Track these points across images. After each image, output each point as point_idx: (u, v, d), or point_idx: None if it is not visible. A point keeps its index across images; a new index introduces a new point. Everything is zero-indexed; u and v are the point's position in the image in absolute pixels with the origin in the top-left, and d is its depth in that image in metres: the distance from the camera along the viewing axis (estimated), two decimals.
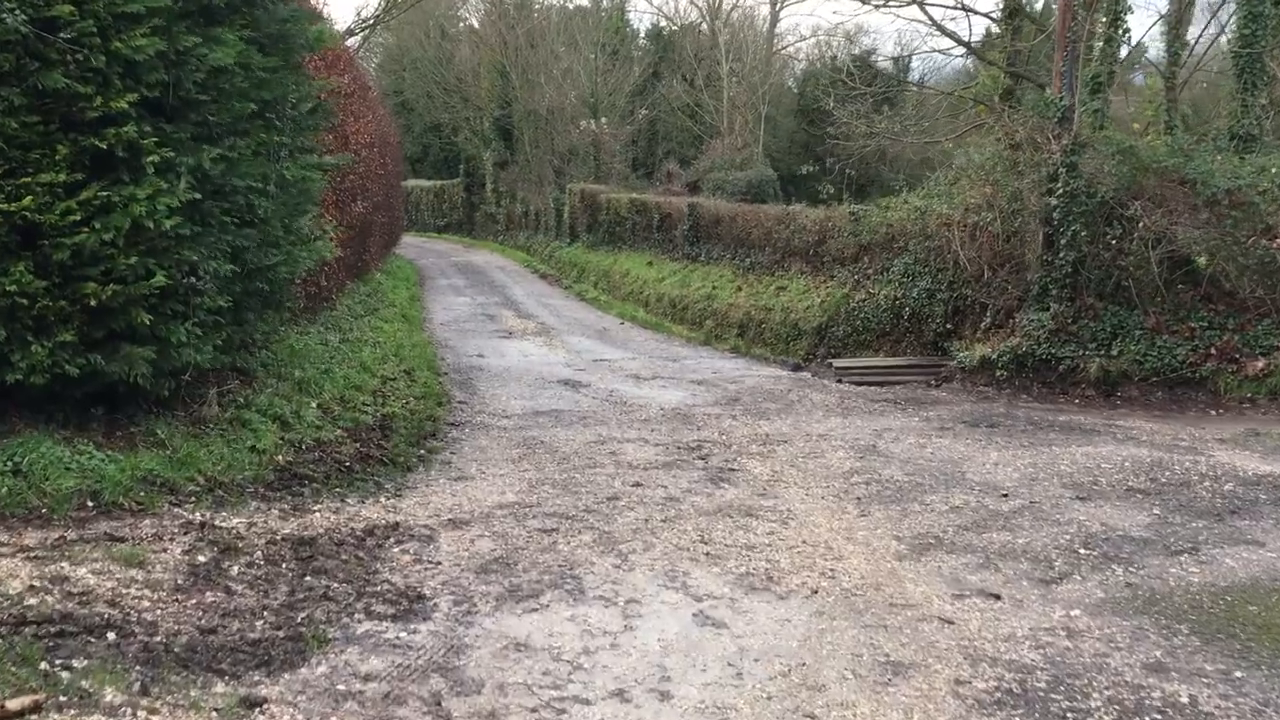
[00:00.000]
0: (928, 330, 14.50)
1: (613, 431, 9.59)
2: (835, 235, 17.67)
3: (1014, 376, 12.27)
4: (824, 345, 16.14)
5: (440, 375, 12.48)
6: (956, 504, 7.15)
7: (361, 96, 17.80)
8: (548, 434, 9.41)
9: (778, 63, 47.12)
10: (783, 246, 19.56)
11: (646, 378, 13.14)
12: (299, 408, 8.82)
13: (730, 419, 10.35)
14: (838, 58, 45.06)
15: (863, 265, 16.60)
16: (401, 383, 11.03)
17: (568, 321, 19.83)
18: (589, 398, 11.53)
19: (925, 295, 14.60)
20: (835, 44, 45.69)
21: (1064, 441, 9.23)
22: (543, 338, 17.29)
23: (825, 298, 16.82)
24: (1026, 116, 13.08)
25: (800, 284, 18.24)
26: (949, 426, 9.98)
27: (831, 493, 7.47)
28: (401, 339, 14.48)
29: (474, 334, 17.60)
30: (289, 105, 8.97)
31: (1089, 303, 12.10)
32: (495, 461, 8.27)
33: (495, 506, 6.93)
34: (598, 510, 6.90)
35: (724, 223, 22.68)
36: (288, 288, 9.64)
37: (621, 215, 28.90)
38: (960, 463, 8.40)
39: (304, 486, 7.01)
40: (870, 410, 10.97)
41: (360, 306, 16.50)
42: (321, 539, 5.95)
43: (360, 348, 12.33)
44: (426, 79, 49.36)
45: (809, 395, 11.87)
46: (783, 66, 48.79)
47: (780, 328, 17.32)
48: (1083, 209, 12.00)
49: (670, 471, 8.06)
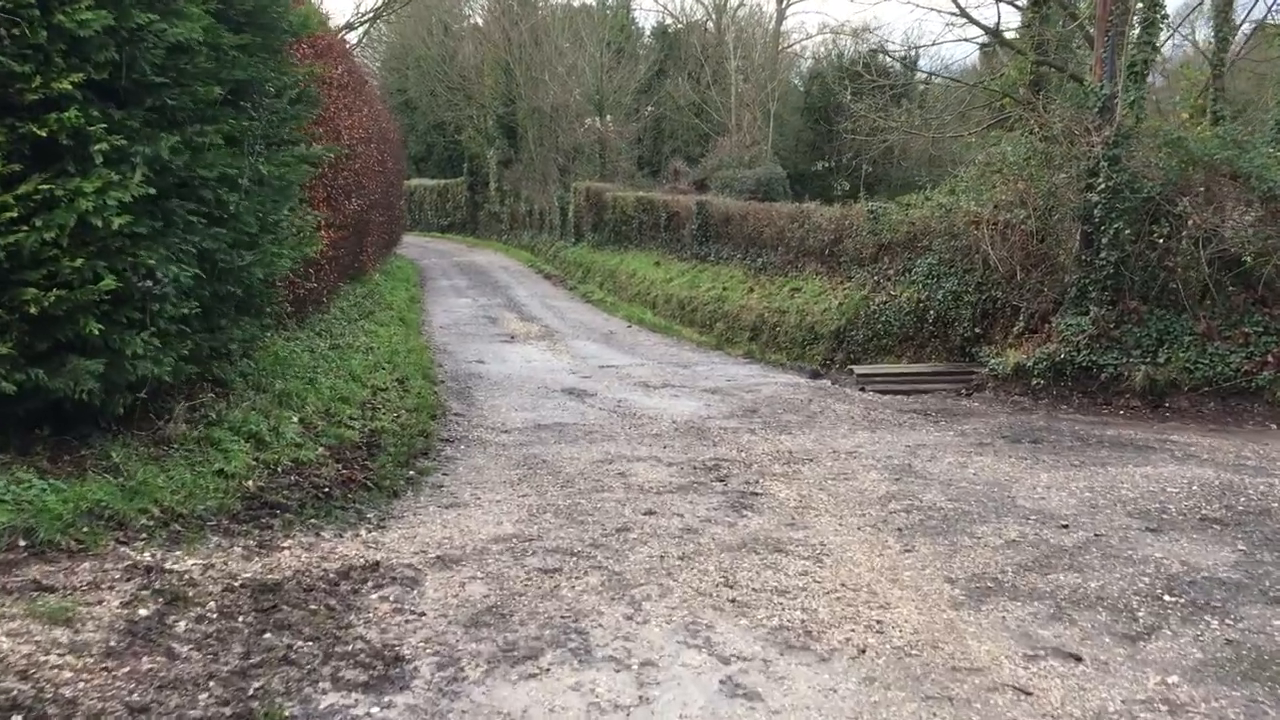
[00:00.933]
0: (954, 335, 13.68)
1: (621, 448, 8.78)
2: (852, 234, 16.87)
3: (1051, 385, 11.44)
4: (842, 350, 15.32)
5: (436, 384, 11.68)
6: (1012, 536, 6.33)
7: (357, 90, 17.02)
8: (550, 451, 8.60)
9: (784, 61, 46.34)
10: (796, 246, 18.77)
11: (656, 386, 12.33)
12: (278, 423, 8.03)
13: (749, 433, 9.54)
14: (845, 54, 44.42)
15: (882, 266, 15.80)
16: (393, 393, 10.24)
17: (572, 325, 19.03)
18: (595, 409, 10.73)
19: (951, 297, 13.77)
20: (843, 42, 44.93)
21: (1118, 460, 8.40)
22: (546, 342, 16.48)
23: (843, 300, 16.01)
24: (1064, 107, 12.24)
25: (816, 285, 17.43)
26: (988, 442, 9.16)
27: (868, 522, 6.65)
28: (397, 344, 13.69)
29: (475, 338, 16.80)
30: (267, 91, 8.18)
31: (1132, 306, 11.27)
32: (492, 485, 7.47)
33: (491, 540, 6.12)
34: (606, 545, 6.09)
35: (734, 221, 21.89)
36: (268, 291, 8.86)
37: (628, 214, 28.16)
38: (1008, 486, 7.57)
39: (275, 517, 6.20)
40: (899, 423, 10.14)
41: (355, 309, 15.72)
42: (288, 584, 5.15)
43: (351, 355, 11.54)
44: (430, 77, 48.63)
45: (831, 406, 11.05)
46: (789, 65, 48.03)
47: (795, 331, 16.51)
48: (1126, 205, 11.17)
49: (686, 496, 7.25)
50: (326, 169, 13.30)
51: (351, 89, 16.21)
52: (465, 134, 49.45)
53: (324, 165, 13.02)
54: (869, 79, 21.35)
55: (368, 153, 18.07)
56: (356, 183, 16.57)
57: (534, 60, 40.30)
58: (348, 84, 14.93)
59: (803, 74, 48.77)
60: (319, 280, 13.04)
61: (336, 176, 14.25)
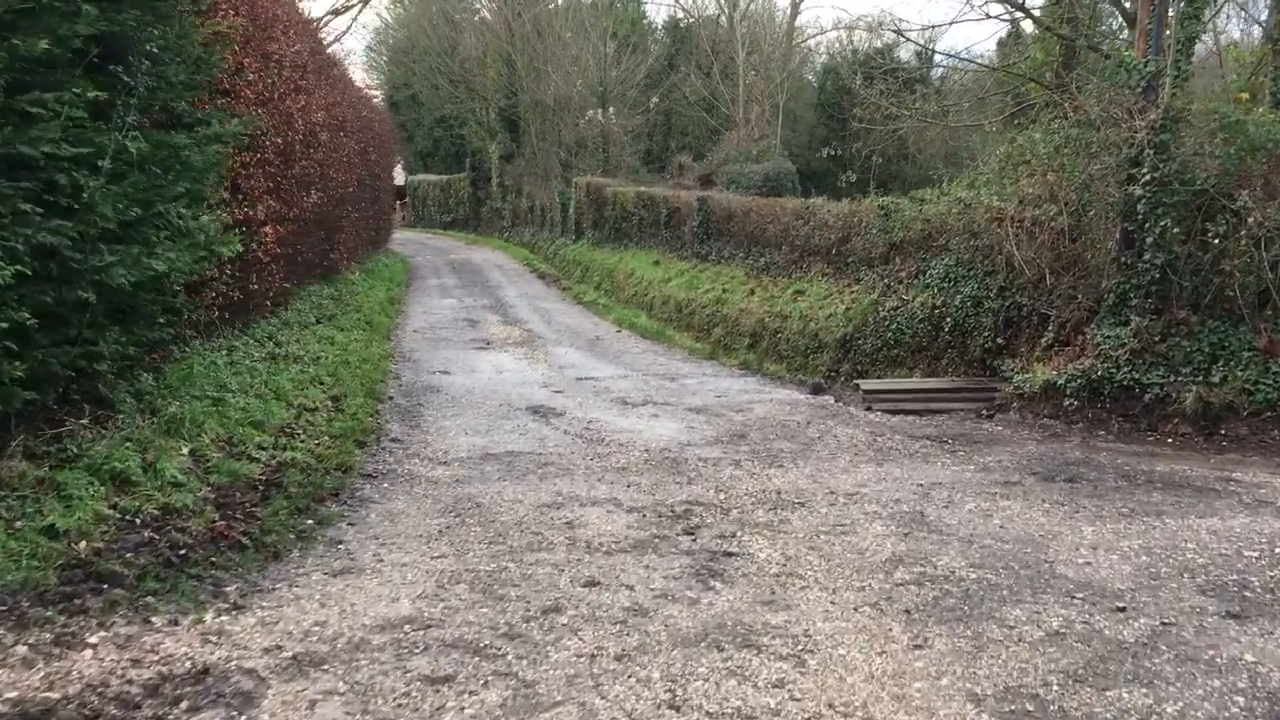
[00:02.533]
0: (973, 345, 12.19)
1: (577, 487, 7.35)
2: (862, 232, 15.39)
3: (1086, 407, 9.95)
4: (848, 361, 13.84)
5: (382, 401, 10.27)
6: (1054, 625, 4.87)
7: (323, 72, 15.63)
8: (490, 491, 7.17)
9: (797, 56, 44.92)
10: (801, 245, 17.29)
11: (635, 403, 10.90)
12: (159, 457, 6.64)
13: (732, 466, 8.10)
14: (859, 49, 43.00)
15: (894, 267, 14.31)
16: (321, 415, 8.84)
17: (558, 329, 17.62)
18: (559, 432, 9.30)
19: (970, 304, 12.29)
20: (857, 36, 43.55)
21: (1175, 507, 6.92)
22: (524, 349, 15.07)
23: (850, 305, 14.53)
24: (1101, 87, 10.75)
25: (821, 288, 15.96)
26: (1016, 481, 7.69)
27: (869, 599, 5.20)
28: (352, 353, 12.31)
29: (447, 344, 15.41)
30: (147, 53, 6.78)
31: (1181, 316, 9.77)
32: (404, 540, 6.05)
33: (376, 626, 4.71)
34: (525, 635, 4.67)
35: (736, 218, 20.43)
36: (161, 296, 7.48)
37: (628, 210, 26.74)
38: (1044, 544, 6.11)
39: (98, 595, 4.81)
40: (910, 452, 8.68)
41: (315, 312, 14.35)
42: (65, 709, 3.75)
43: (287, 367, 10.15)
44: (433, 70, 47.26)
45: (833, 430, 9.59)
46: (802, 60, 46.61)
47: (798, 339, 15.04)
48: (1175, 199, 9.68)
49: (643, 557, 5.82)
50: (273, 156, 11.93)
51: (315, 71, 14.83)
52: (468, 128, 48.15)
53: (268, 152, 11.66)
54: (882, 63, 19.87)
55: (336, 142, 16.69)
56: (319, 174, 15.20)
57: (536, 51, 38.96)
58: (304, 64, 13.54)
59: (816, 69, 47.41)
60: (262, 281, 11.65)
61: (288, 166, 12.87)
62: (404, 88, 55.44)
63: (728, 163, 33.14)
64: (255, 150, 11.18)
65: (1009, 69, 15.90)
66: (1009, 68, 15.95)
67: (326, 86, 15.73)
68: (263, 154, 11.46)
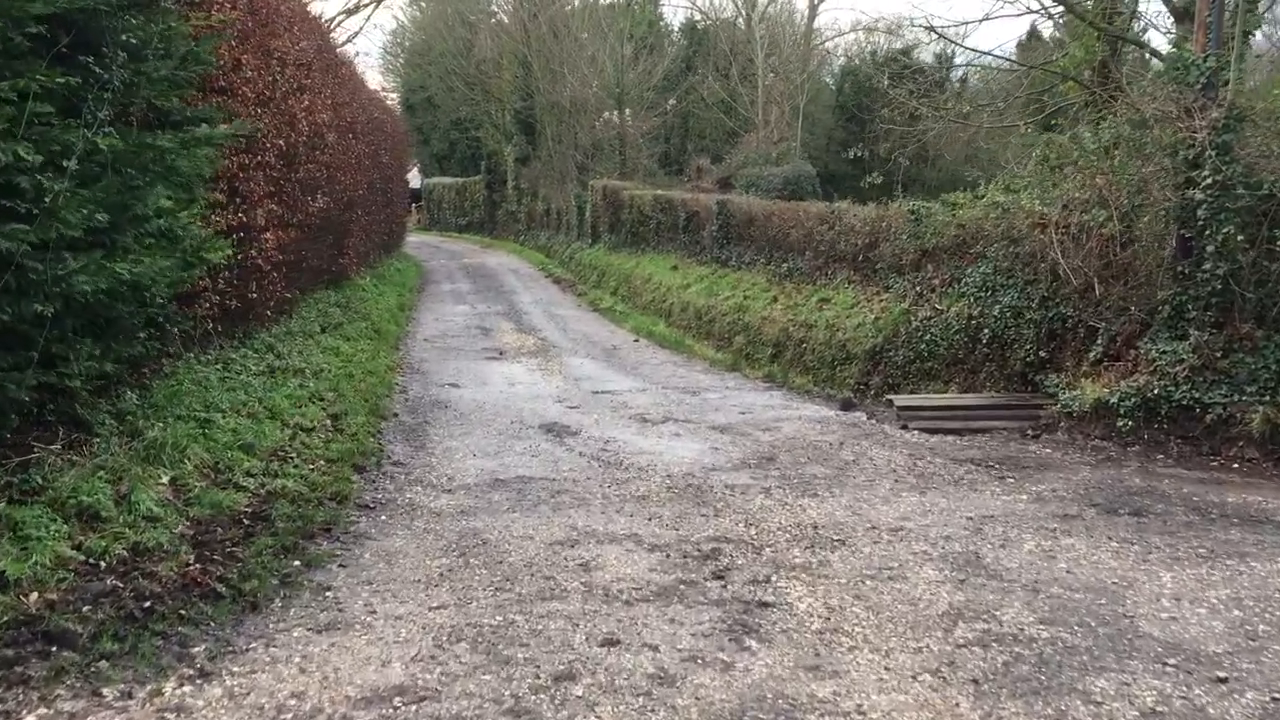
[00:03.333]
0: (1014, 359, 11.48)
1: (594, 519, 6.70)
2: (890, 237, 14.71)
3: (1142, 428, 9.23)
4: (879, 373, 13.16)
5: (385, 419, 9.65)
6: (1148, 702, 4.19)
7: (330, 71, 15.06)
8: (499, 525, 6.53)
9: (815, 58, 44.25)
10: (826, 250, 16.63)
11: (655, 420, 10.24)
12: (134, 487, 6.04)
13: (762, 494, 7.43)
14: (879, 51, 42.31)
15: (926, 275, 13.62)
16: (319, 436, 8.22)
17: (574, 338, 16.98)
18: (574, 454, 8.66)
19: (1010, 314, 11.58)
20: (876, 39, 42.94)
21: (1259, 547, 6.22)
22: (539, 359, 14.44)
23: (880, 314, 13.85)
24: (1157, 84, 10.04)
25: (848, 295, 15.28)
26: (1076, 514, 6.99)
27: (928, 664, 4.53)
28: (357, 365, 11.70)
29: (458, 354, 14.80)
30: (122, 44, 6.19)
31: (1245, 330, 9.05)
32: (400, 586, 5.41)
33: (361, 700, 4.08)
34: (533, 711, 4.02)
35: (757, 222, 19.78)
36: (142, 308, 6.90)
37: (645, 214, 26.13)
38: (1120, 594, 5.43)
39: (44, 659, 4.19)
40: (955, 479, 7.99)
41: (321, 320, 13.76)
42: None
43: (284, 382, 9.55)
44: (448, 72, 46.77)
45: (868, 452, 8.91)
46: (821, 62, 45.92)
47: (824, 350, 14.36)
48: (1239, 204, 8.96)
49: (668, 607, 5.17)
50: (275, 159, 11.35)
51: (321, 69, 14.26)
52: (483, 130, 47.68)
53: (268, 154, 11.08)
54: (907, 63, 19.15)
55: (345, 144, 16.13)
56: (327, 177, 14.63)
57: (552, 53, 38.40)
58: (309, 62, 12.96)
59: (834, 72, 46.70)
60: (262, 290, 11.07)
61: (292, 168, 12.29)
62: (420, 90, 55.10)
63: (746, 165, 32.48)
64: (254, 152, 10.61)
65: (1047, 66, 15.18)
66: (1047, 65, 15.23)
67: (334, 86, 15.16)
68: (263, 156, 10.88)
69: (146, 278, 6.53)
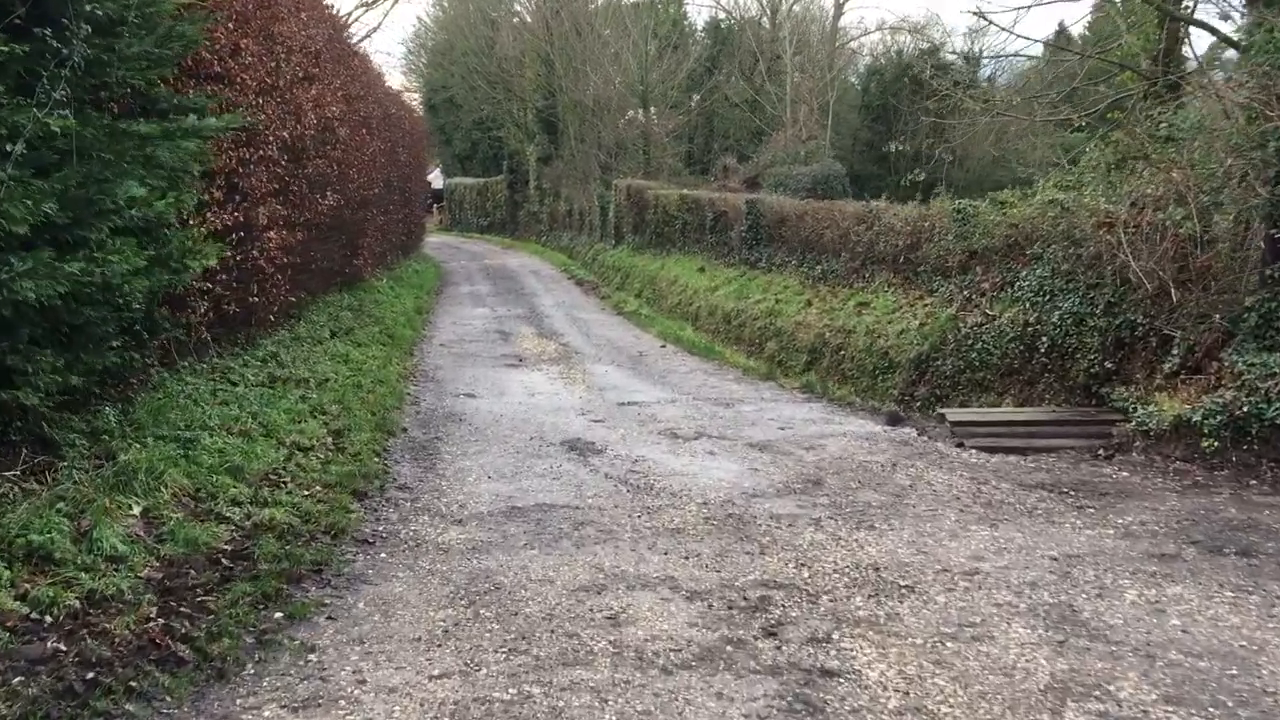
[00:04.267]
0: (1075, 369, 10.55)
1: (623, 558, 5.87)
2: (934, 238, 13.81)
3: (1230, 449, 8.30)
4: (925, 384, 12.25)
5: (393, 434, 8.84)
6: None
7: (342, 62, 14.31)
8: (515, 565, 5.72)
9: (841, 57, 43.38)
10: (864, 252, 15.74)
11: (687, 436, 9.40)
12: (98, 522, 5.27)
13: (811, 526, 6.58)
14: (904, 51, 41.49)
15: (974, 277, 12.70)
16: (318, 456, 7.43)
17: (597, 343, 16.16)
18: (599, 476, 7.83)
19: (1071, 321, 10.66)
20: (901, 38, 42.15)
21: None
22: (561, 366, 13.63)
23: (924, 320, 12.94)
24: (1254, 67, 9.09)
25: (888, 299, 14.39)
26: (1174, 553, 6.10)
27: None
28: (366, 373, 10.94)
29: (476, 360, 14.01)
30: (86, 15, 5.41)
31: None
32: (396, 646, 4.60)
33: None
34: None
35: (789, 223, 18.90)
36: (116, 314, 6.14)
37: (671, 214, 25.30)
38: (1252, 662, 4.54)
39: None
40: (1028, 508, 7.11)
41: (332, 325, 13.02)
42: None
43: (284, 393, 8.78)
44: (470, 71, 46.12)
45: (925, 475, 8.03)
46: (846, 62, 45.03)
47: (864, 357, 13.47)
48: None
49: (714, 675, 4.34)
50: (279, 153, 10.60)
51: (332, 59, 13.53)
52: (505, 130, 46.99)
53: (272, 147, 10.33)
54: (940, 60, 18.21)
55: (358, 140, 15.39)
56: (339, 174, 13.89)
57: (575, 50, 37.66)
58: (317, 50, 12.21)
59: (860, 72, 45.81)
60: (264, 293, 10.33)
61: (299, 164, 11.55)
62: (442, 90, 54.63)
63: (774, 164, 31.61)
64: (256, 145, 9.87)
65: (1103, 55, 14.25)
66: (1103, 53, 14.30)
67: (346, 78, 14.42)
68: (266, 150, 10.14)
69: (118, 279, 5.79)
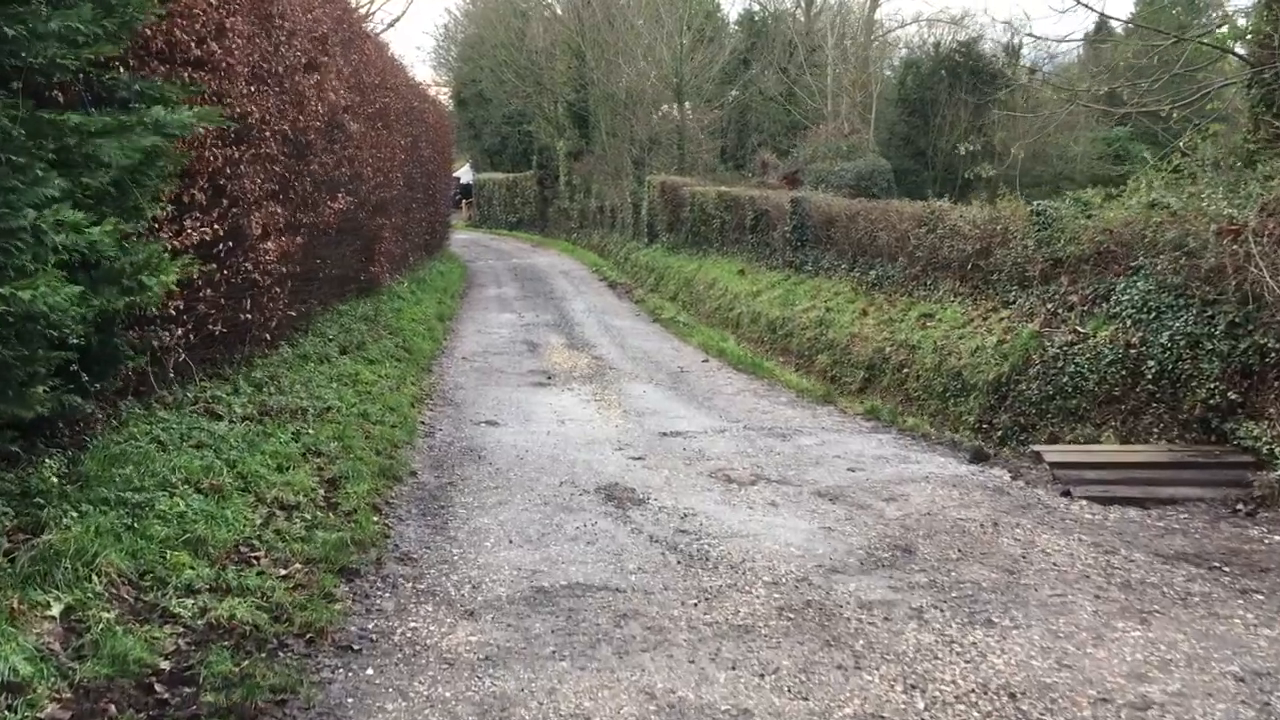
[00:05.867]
0: (1190, 400, 9.10)
1: (678, 677, 4.54)
2: (1009, 243, 12.37)
3: None
4: (1006, 411, 10.81)
5: (399, 480, 7.54)
6: None
7: (353, 47, 13.05)
8: (539, 687, 4.39)
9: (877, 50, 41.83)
10: (925, 257, 14.30)
11: (742, 480, 8.05)
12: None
13: (913, 620, 5.21)
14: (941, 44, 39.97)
15: (1059, 289, 11.26)
16: (303, 517, 6.13)
17: (633, 356, 14.82)
18: (642, 539, 6.49)
19: (1185, 343, 9.20)
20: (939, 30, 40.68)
21: None
22: (594, 385, 12.30)
23: (1002, 336, 11.49)
24: None
25: (955, 312, 12.95)
26: None
27: None
28: (376, 397, 9.69)
29: (500, 377, 12.73)
30: None
31: None
32: None
33: None
34: None
35: (839, 223, 17.48)
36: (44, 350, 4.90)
37: (708, 212, 23.96)
38: None
39: None
40: (1180, 593, 5.69)
41: (342, 339, 11.79)
42: None
43: (275, 431, 7.52)
44: (500, 64, 44.95)
45: (1036, 539, 6.64)
46: (881, 54, 43.44)
47: (933, 377, 12.05)
48: None
49: None
50: (277, 150, 9.36)
51: (343, 45, 12.28)
52: (535, 124, 45.82)
53: (268, 144, 9.10)
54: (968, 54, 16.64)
55: (375, 135, 14.15)
56: (352, 172, 12.65)
57: (608, 42, 36.39)
58: (324, 35, 10.95)
59: (894, 65, 44.21)
60: (259, 309, 9.09)
61: (303, 161, 10.31)
62: (472, 84, 53.70)
63: (815, 160, 30.20)
64: (249, 142, 8.62)
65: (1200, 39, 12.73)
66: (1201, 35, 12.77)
67: (359, 65, 13.16)
68: (261, 147, 8.89)
69: (43, 309, 4.53)
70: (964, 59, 37.07)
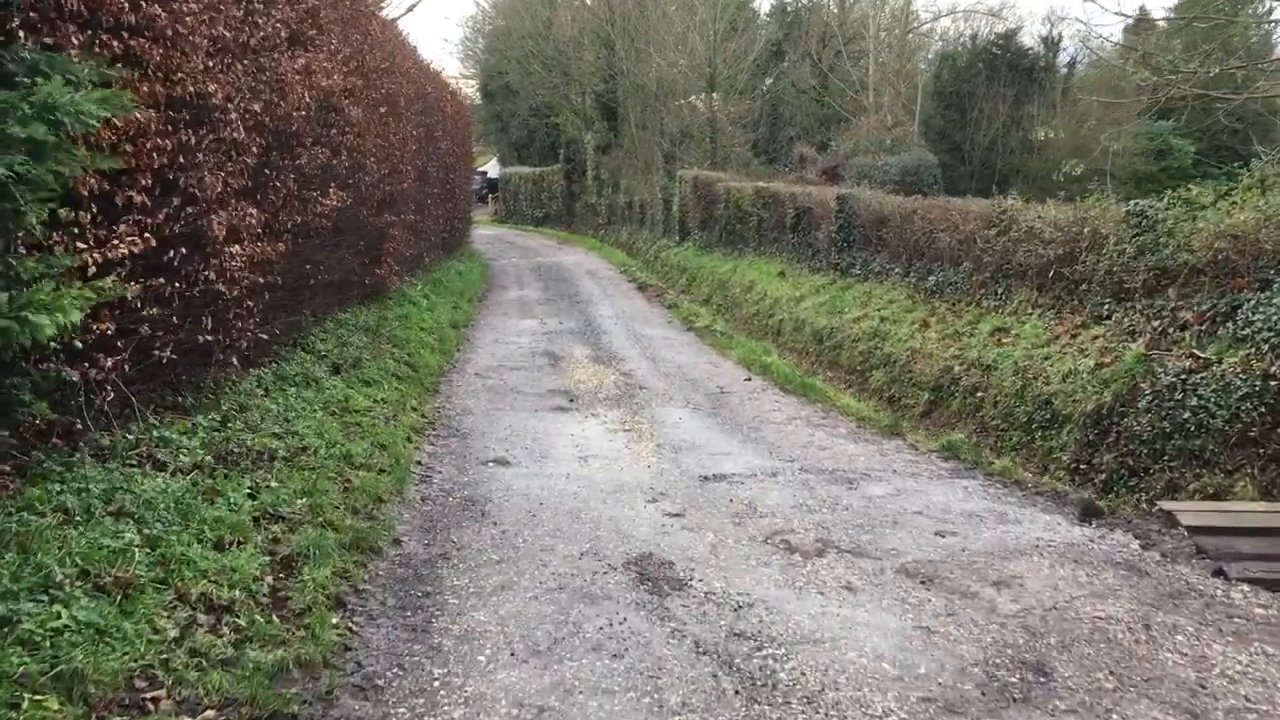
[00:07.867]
0: None
1: None
2: (1101, 248, 10.72)
3: None
4: (1109, 449, 9.14)
5: (376, 555, 6.01)
6: None
7: (352, 24, 11.56)
8: None
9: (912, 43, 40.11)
10: (995, 262, 12.67)
11: (808, 550, 6.46)
12: None
13: None
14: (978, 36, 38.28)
15: (1167, 304, 9.60)
16: (235, 624, 4.60)
17: (666, 372, 13.24)
18: (684, 649, 4.95)
19: None
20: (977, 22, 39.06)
21: None
22: (621, 410, 10.75)
23: (1100, 359, 9.83)
24: None
25: (1036, 327, 11.29)
26: None
27: None
28: (366, 430, 8.20)
29: (516, 398, 11.20)
30: None
31: None
32: None
33: None
34: None
35: (891, 223, 15.85)
36: None
37: (744, 210, 22.39)
38: None
39: None
40: None
41: (336, 355, 10.32)
42: None
43: (225, 487, 6.02)
44: (527, 55, 43.53)
45: (1208, 650, 5.02)
46: (917, 46, 41.68)
47: (1015, 405, 10.40)
48: None
49: None
50: (247, 138, 7.88)
51: (340, 22, 10.79)
52: (562, 116, 44.34)
53: (235, 129, 7.61)
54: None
55: (380, 124, 12.66)
56: (351, 164, 11.18)
57: (638, 30, 34.88)
58: (311, 5, 9.45)
59: (929, 58, 42.41)
60: (224, 328, 7.60)
61: (286, 153, 8.83)
62: (499, 76, 52.58)
63: (856, 154, 28.54)
64: (209, 126, 7.14)
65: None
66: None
67: (359, 44, 11.66)
68: (226, 131, 7.40)
69: None
70: (1002, 51, 35.50)
